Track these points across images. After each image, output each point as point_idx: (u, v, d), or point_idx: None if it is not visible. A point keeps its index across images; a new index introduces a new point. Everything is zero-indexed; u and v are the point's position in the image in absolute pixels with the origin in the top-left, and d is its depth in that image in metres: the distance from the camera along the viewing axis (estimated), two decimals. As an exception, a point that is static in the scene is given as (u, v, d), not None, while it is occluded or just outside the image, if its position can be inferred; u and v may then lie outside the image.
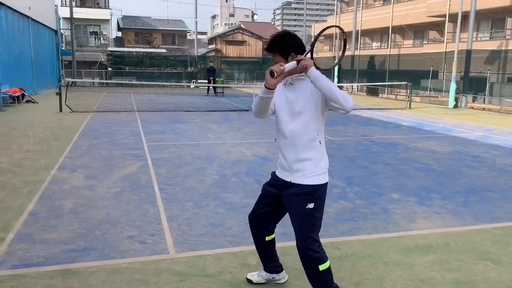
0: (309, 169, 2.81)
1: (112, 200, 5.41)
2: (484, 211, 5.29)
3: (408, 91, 21.05)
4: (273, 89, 2.66)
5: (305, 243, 2.82)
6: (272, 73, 2.61)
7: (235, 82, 39.41)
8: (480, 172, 7.30)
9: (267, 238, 3.20)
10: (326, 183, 2.91)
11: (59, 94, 15.58)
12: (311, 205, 2.80)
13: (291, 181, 2.86)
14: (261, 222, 3.14)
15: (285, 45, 2.77)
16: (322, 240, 4.26)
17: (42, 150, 8.52)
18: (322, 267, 2.83)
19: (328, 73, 34.94)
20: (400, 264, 3.78)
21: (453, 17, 23.62)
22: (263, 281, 3.35)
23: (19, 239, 4.15)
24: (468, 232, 4.61)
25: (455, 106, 20.55)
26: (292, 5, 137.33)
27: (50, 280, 3.37)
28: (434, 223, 4.86)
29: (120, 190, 5.85)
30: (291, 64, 2.68)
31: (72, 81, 23.22)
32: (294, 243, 3.74)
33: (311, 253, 2.82)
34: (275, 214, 3.10)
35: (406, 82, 21.69)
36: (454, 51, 21.01)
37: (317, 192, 2.82)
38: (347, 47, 3.16)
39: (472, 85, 21.63)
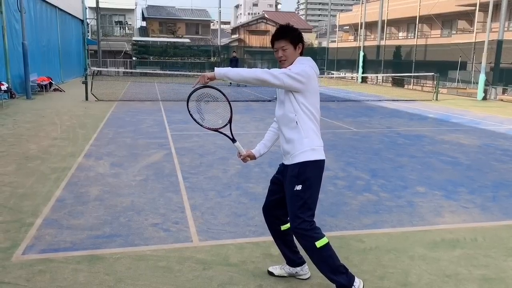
0: (293, 149, 2.94)
1: (137, 188, 5.48)
2: (514, 206, 5.14)
3: (435, 83, 20.57)
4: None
5: (295, 223, 2.92)
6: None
7: (258, 72, 39.20)
8: (510, 166, 7.08)
9: (282, 228, 3.21)
10: (316, 160, 2.93)
11: (85, 83, 15.86)
12: (298, 187, 2.90)
13: (286, 164, 3.02)
14: (272, 211, 3.20)
15: (296, 34, 2.96)
16: (345, 232, 4.25)
17: (68, 137, 8.70)
18: (319, 243, 2.88)
19: (352, 63, 34.51)
20: (425, 258, 3.71)
21: (483, 6, 22.87)
22: (285, 275, 3.33)
23: (47, 224, 4.25)
24: (497, 227, 4.48)
25: (484, 98, 19.99)
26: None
27: (76, 265, 3.45)
28: (461, 217, 4.74)
29: (144, 178, 5.93)
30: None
31: (98, 70, 23.56)
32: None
33: (302, 232, 2.91)
34: (284, 202, 3.11)
35: (433, 73, 21.19)
36: (484, 41, 20.37)
37: (304, 173, 2.89)
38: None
39: (503, 77, 20.96)
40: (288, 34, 2.94)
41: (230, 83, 26.43)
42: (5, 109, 12.72)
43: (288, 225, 3.23)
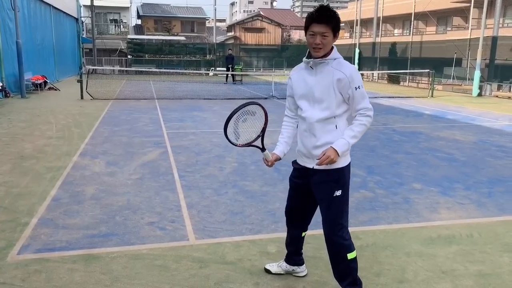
0: None
1: (133, 187, 5.46)
2: (509, 202, 5.16)
3: (431, 79, 20.62)
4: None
5: (334, 230, 2.78)
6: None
7: (254, 70, 39.25)
8: (505, 162, 7.11)
9: (302, 234, 3.15)
10: (349, 163, 2.85)
11: (80, 81, 15.79)
12: (338, 192, 2.75)
13: (314, 167, 2.78)
14: (298, 216, 3.07)
15: (339, 21, 2.68)
16: (342, 230, 4.23)
17: (64, 136, 8.65)
18: (350, 255, 2.80)
19: (348, 60, 34.42)
20: (422, 255, 3.72)
21: (478, 3, 22.93)
22: (282, 272, 3.32)
23: (43, 224, 4.23)
24: (493, 223, 4.50)
25: (479, 95, 20.05)
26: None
27: (72, 265, 3.43)
28: (457, 213, 4.76)
29: (140, 177, 5.91)
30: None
31: (93, 69, 23.47)
32: (313, 232, 3.73)
33: (340, 241, 2.78)
34: (310, 205, 3.01)
35: (428, 70, 21.24)
36: (479, 38, 20.42)
37: (343, 178, 2.77)
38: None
39: (498, 73, 21.04)
40: (333, 20, 2.58)
41: (226, 80, 26.41)
42: (0, 108, 12.64)
43: (306, 231, 3.18)
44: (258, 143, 2.95)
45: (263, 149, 2.95)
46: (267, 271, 3.35)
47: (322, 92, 2.68)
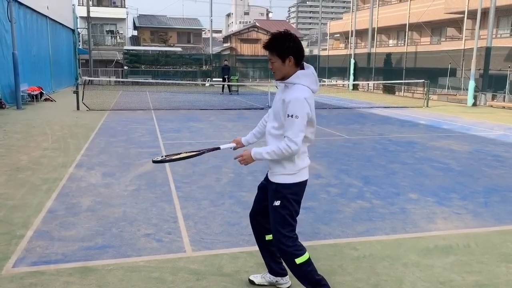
0: (275, 168, 2.89)
1: (129, 198, 5.44)
2: (505, 211, 5.17)
3: (426, 89, 20.75)
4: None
5: (276, 237, 2.92)
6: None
7: (250, 80, 39.40)
8: (501, 172, 7.14)
9: (266, 237, 3.18)
10: (296, 183, 2.87)
11: (76, 92, 15.77)
12: (277, 203, 2.88)
13: (268, 177, 3.00)
14: (258, 218, 3.18)
15: (285, 46, 2.72)
16: (339, 240, 4.25)
17: (60, 148, 8.63)
18: (298, 260, 2.87)
19: (343, 71, 34.73)
20: (419, 265, 3.72)
21: (472, 14, 23.19)
22: (265, 284, 3.31)
23: (38, 236, 4.20)
24: (489, 233, 4.51)
25: (474, 105, 20.20)
26: (307, 2, 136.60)
27: (68, 277, 3.40)
28: (454, 223, 4.76)
29: (136, 188, 5.88)
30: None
31: (89, 80, 23.49)
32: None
33: (283, 248, 2.89)
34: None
35: (423, 80, 21.39)
36: (473, 48, 20.63)
37: (281, 192, 2.87)
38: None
39: (492, 83, 21.21)
40: (275, 47, 2.72)
41: (223, 91, 26.48)
42: (-5, 119, 12.60)
43: (272, 235, 3.21)
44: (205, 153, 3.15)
45: (218, 148, 3.18)
46: (251, 282, 3.34)
47: (276, 110, 2.86)
